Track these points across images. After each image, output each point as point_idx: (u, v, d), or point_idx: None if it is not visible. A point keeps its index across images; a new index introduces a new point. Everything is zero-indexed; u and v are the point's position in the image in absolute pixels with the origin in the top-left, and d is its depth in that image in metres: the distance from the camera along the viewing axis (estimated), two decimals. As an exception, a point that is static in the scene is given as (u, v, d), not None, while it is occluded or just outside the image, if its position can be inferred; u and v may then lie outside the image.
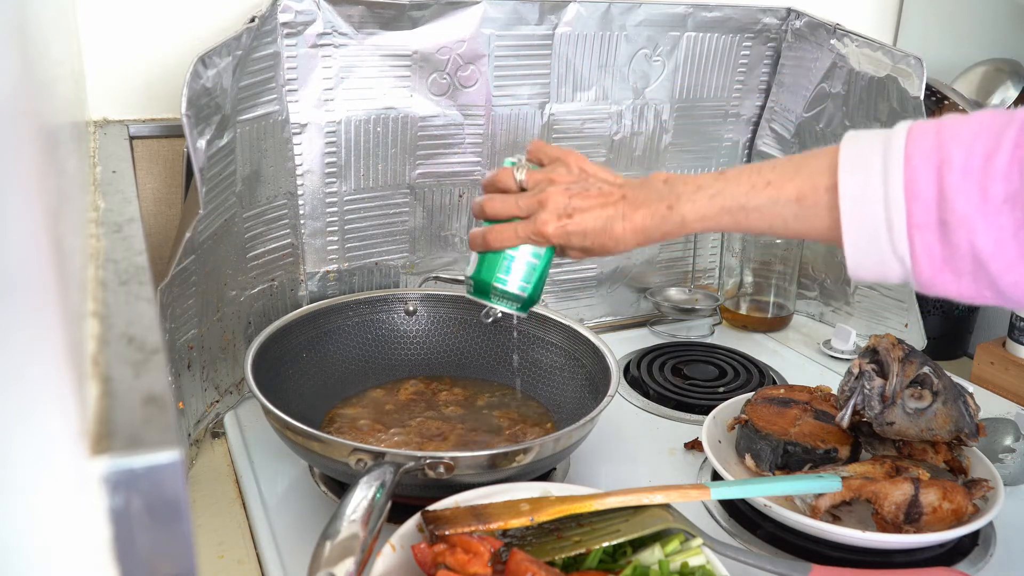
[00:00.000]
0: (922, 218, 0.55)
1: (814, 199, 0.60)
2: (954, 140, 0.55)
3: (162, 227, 0.95)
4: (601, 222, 0.68)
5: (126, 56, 0.91)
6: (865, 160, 0.58)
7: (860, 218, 0.57)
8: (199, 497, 0.79)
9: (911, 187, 0.55)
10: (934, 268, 0.56)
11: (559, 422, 0.87)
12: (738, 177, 0.65)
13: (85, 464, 0.29)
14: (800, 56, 1.13)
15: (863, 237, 0.57)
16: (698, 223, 0.66)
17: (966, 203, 0.53)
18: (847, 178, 0.58)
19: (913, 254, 0.56)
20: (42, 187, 0.27)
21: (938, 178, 0.54)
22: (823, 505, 0.70)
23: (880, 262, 0.58)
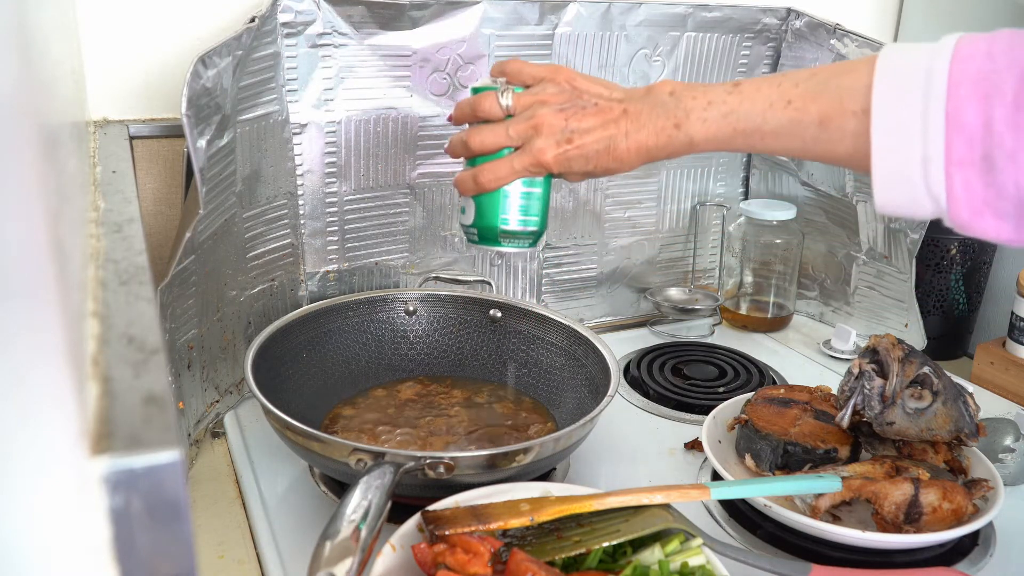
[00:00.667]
0: (964, 153, 0.49)
1: (840, 123, 0.55)
2: (1008, 65, 0.49)
3: (162, 227, 0.95)
4: (604, 143, 0.63)
5: (126, 56, 0.91)
6: (903, 82, 0.51)
7: (893, 150, 0.52)
8: (199, 497, 0.79)
9: (954, 117, 0.49)
10: (973, 209, 0.50)
11: (559, 422, 0.87)
12: (755, 93, 0.59)
13: (85, 464, 0.29)
14: (800, 56, 1.13)
15: (894, 171, 0.52)
16: (707, 143, 0.61)
17: (1015, 139, 0.48)
18: (881, 104, 0.52)
19: (950, 193, 0.50)
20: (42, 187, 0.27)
21: (986, 108, 0.49)
22: (823, 505, 0.70)
23: (911, 199, 0.52)
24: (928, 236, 1.05)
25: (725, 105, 0.60)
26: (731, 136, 0.60)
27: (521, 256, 0.97)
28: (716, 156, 1.19)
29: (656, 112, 0.62)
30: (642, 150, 0.63)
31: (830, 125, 0.55)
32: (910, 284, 1.07)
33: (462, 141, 0.66)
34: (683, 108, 0.61)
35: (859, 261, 1.14)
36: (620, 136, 0.62)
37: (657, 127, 0.62)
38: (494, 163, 0.65)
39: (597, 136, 0.63)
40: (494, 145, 0.65)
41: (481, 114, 0.66)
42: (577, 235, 1.13)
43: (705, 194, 1.21)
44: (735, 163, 1.21)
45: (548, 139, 0.63)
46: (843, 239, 1.16)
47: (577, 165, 0.64)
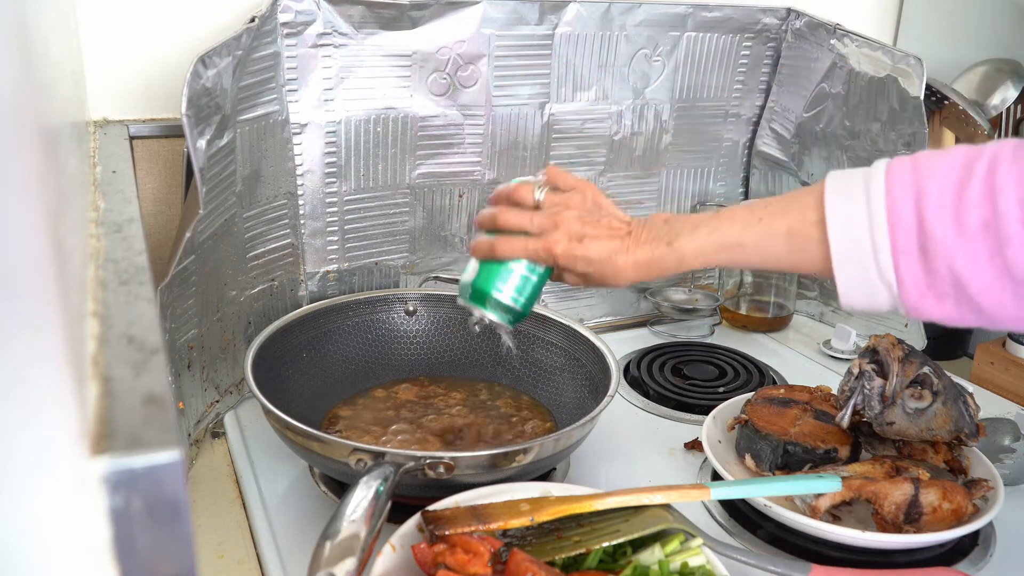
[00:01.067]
0: (905, 244, 0.58)
1: (805, 233, 0.63)
2: (929, 174, 0.58)
3: (162, 227, 0.95)
4: (606, 252, 0.70)
5: (126, 56, 0.91)
6: (849, 194, 0.61)
7: (848, 247, 0.60)
8: (199, 497, 0.78)
9: (893, 215, 0.58)
10: (919, 292, 0.59)
11: (559, 422, 0.87)
12: (732, 216, 0.68)
13: (85, 464, 0.29)
14: (800, 56, 1.13)
15: (852, 265, 0.61)
16: (696, 259, 0.69)
17: (943, 231, 0.56)
18: (833, 211, 0.61)
19: (899, 278, 0.59)
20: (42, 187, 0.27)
21: (917, 208, 0.58)
22: (823, 505, 0.70)
23: (870, 289, 0.61)
24: (928, 236, 1.05)
25: (708, 226, 0.68)
26: (716, 250, 0.68)
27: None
28: (716, 156, 1.19)
29: (653, 235, 0.71)
30: (639, 264, 0.70)
31: (797, 235, 0.64)
32: (910, 284, 1.07)
33: (492, 216, 0.75)
34: (674, 231, 0.70)
35: (859, 261, 1.14)
36: (621, 250, 0.70)
37: (653, 247, 0.70)
38: (512, 238, 0.73)
39: (603, 245, 0.71)
40: (517, 225, 0.73)
41: (516, 199, 0.75)
42: (577, 235, 1.13)
43: (705, 194, 1.20)
44: (735, 163, 1.22)
45: (563, 234, 0.71)
46: (843, 239, 1.16)
47: (580, 265, 0.71)
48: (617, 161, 1.12)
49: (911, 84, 0.97)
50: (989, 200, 0.55)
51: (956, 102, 1.11)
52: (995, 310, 0.57)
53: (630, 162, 1.13)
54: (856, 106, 1.06)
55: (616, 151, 1.11)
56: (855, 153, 1.08)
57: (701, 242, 0.68)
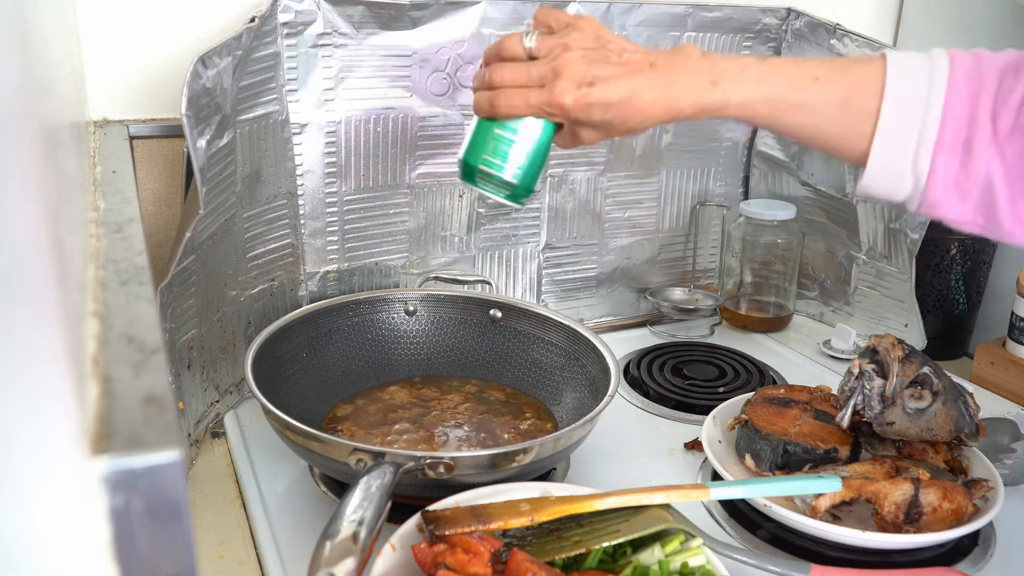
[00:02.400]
0: (951, 138, 0.57)
1: (860, 102, 0.60)
2: (990, 68, 0.58)
3: (162, 227, 0.95)
4: (626, 91, 0.60)
5: (126, 56, 0.91)
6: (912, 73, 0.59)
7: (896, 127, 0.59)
8: (199, 497, 0.78)
9: (949, 107, 0.57)
10: (945, 188, 0.58)
11: (559, 422, 0.87)
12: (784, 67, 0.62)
13: (85, 464, 0.29)
14: (800, 56, 1.13)
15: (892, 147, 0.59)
16: (739, 108, 0.61)
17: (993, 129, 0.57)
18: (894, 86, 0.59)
19: (932, 172, 0.58)
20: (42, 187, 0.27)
21: (973, 102, 0.57)
22: (823, 505, 0.70)
23: (897, 176, 0.60)
24: (928, 236, 1.05)
25: (758, 72, 0.61)
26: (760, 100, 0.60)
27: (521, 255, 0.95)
28: (716, 156, 1.19)
29: (690, 68, 0.61)
30: (671, 104, 0.61)
31: (852, 103, 0.60)
32: (910, 284, 1.07)
33: (484, 76, 0.65)
34: (719, 68, 0.61)
35: (859, 261, 1.14)
36: (647, 85, 0.60)
37: (690, 83, 0.61)
38: (513, 91, 0.63)
39: (621, 84, 0.61)
40: (513, 82, 0.63)
41: (504, 54, 0.65)
42: (577, 235, 1.13)
43: (705, 194, 1.20)
44: (735, 163, 1.21)
45: (568, 81, 0.61)
46: (843, 239, 1.16)
47: (596, 112, 0.61)
48: (617, 161, 1.12)
49: (911, 84, 0.97)
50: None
51: (956, 102, 1.11)
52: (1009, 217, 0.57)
53: (630, 162, 1.13)
54: (856, 106, 1.06)
55: (616, 151, 1.11)
56: (855, 153, 1.08)
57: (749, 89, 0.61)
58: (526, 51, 0.64)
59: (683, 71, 0.61)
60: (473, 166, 0.66)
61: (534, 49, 0.64)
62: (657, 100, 0.61)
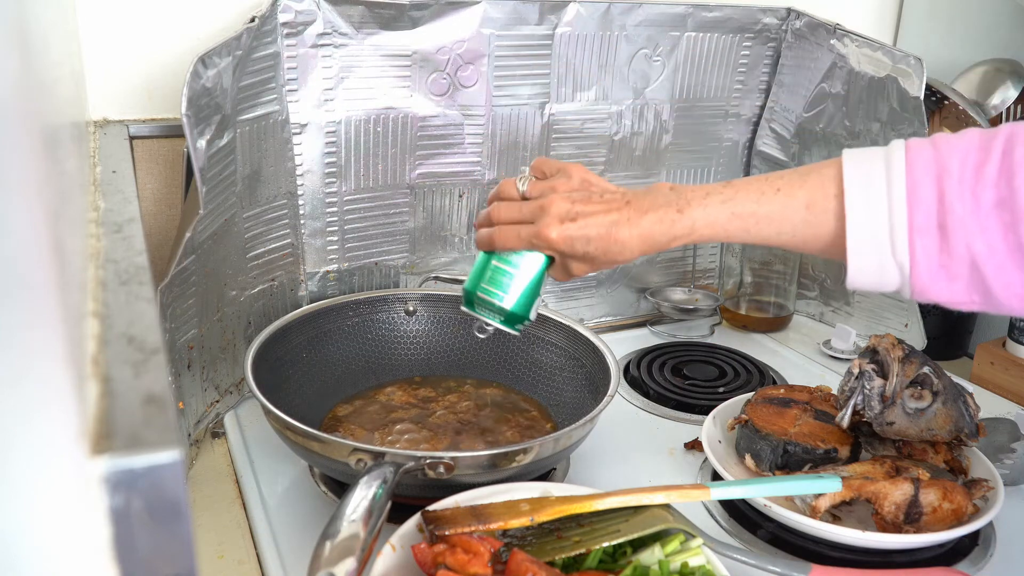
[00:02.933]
0: (923, 222, 0.58)
1: (823, 205, 0.63)
2: (950, 152, 0.59)
3: (162, 227, 0.95)
4: (605, 227, 0.67)
5: (126, 56, 0.91)
6: (869, 168, 0.61)
7: (865, 221, 0.60)
8: (199, 497, 0.78)
9: (913, 193, 0.59)
10: (931, 272, 0.59)
11: (559, 422, 0.87)
12: (747, 185, 0.66)
13: (85, 464, 0.29)
14: (800, 56, 1.13)
15: (866, 241, 0.60)
16: (707, 229, 0.66)
17: (963, 208, 0.57)
18: (852, 184, 0.61)
19: (913, 257, 0.59)
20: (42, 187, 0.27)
21: (938, 185, 0.58)
22: (823, 505, 0.70)
23: (880, 267, 0.61)
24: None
25: (722, 195, 0.66)
26: (729, 219, 0.65)
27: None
28: (716, 156, 1.19)
29: (659, 202, 0.67)
30: (645, 236, 0.67)
31: (815, 208, 0.63)
32: (910, 284, 1.07)
33: (485, 214, 0.74)
34: (684, 198, 0.67)
35: (859, 261, 1.14)
36: (623, 222, 0.67)
37: (660, 215, 0.67)
38: (507, 227, 0.71)
39: (600, 220, 0.67)
40: (507, 218, 0.72)
41: (502, 195, 0.73)
42: (577, 235, 1.13)
43: (705, 194, 1.20)
44: (735, 163, 1.22)
45: (553, 217, 0.68)
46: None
47: (579, 245, 0.68)
48: (617, 161, 1.12)
49: (911, 84, 0.97)
50: (1006, 178, 0.56)
51: (956, 102, 1.11)
52: (1005, 292, 0.58)
53: (630, 162, 1.13)
54: (856, 106, 1.06)
55: (616, 151, 1.11)
56: (855, 153, 1.08)
57: (714, 211, 0.65)
58: (520, 194, 0.72)
59: (652, 204, 0.67)
60: (473, 293, 0.73)
61: (527, 192, 0.72)
62: (632, 234, 0.67)
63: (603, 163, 1.11)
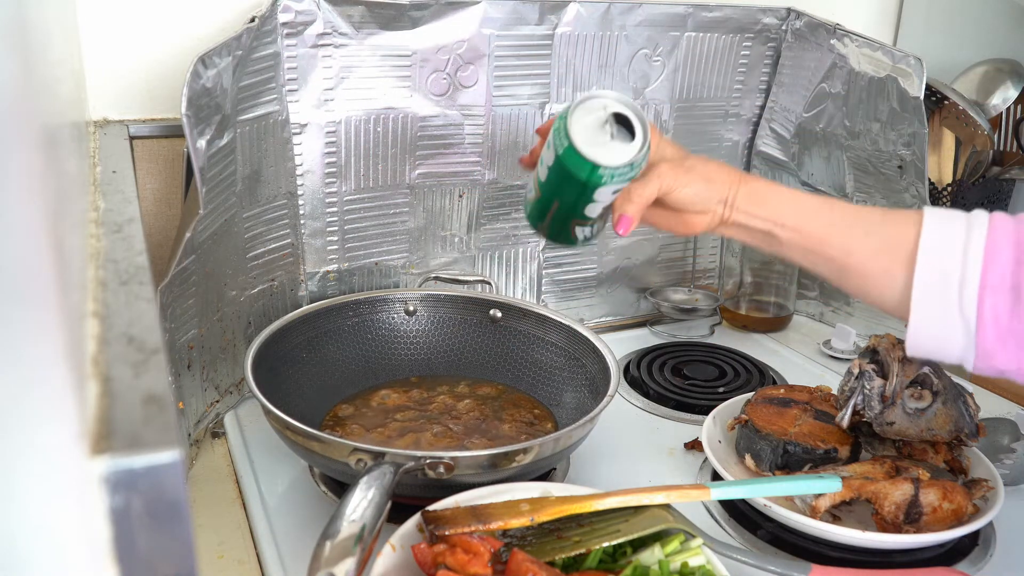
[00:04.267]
0: (997, 281, 0.57)
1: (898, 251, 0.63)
2: None
3: (162, 227, 0.95)
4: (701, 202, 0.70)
5: (126, 56, 0.91)
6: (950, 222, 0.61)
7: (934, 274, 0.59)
8: (199, 497, 0.78)
9: (991, 251, 0.58)
10: (999, 333, 0.58)
11: (559, 422, 0.87)
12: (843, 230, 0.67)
13: (85, 464, 0.29)
14: (800, 56, 1.13)
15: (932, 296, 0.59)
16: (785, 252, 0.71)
17: None
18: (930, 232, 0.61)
19: (980, 315, 0.58)
20: (42, 187, 0.27)
21: (1017, 247, 0.58)
22: (823, 505, 0.70)
23: (943, 322, 0.59)
24: (928, 236, 1.05)
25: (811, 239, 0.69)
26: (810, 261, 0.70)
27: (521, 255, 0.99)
28: (716, 156, 1.19)
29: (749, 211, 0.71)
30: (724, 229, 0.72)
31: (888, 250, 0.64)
32: (910, 284, 1.07)
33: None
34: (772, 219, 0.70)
35: (859, 261, 1.14)
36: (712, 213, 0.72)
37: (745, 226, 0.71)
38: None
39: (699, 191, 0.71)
40: None
41: None
42: (577, 235, 1.13)
43: (705, 194, 1.20)
44: (734, 163, 1.21)
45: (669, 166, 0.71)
46: (843, 239, 1.16)
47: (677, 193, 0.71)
48: (617, 161, 1.12)
49: (911, 84, 0.97)
50: None
51: (956, 102, 1.11)
52: None
53: (630, 162, 1.13)
54: (856, 106, 1.06)
55: (616, 151, 1.11)
56: (855, 153, 1.08)
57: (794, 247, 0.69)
58: None
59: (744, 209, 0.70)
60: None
61: None
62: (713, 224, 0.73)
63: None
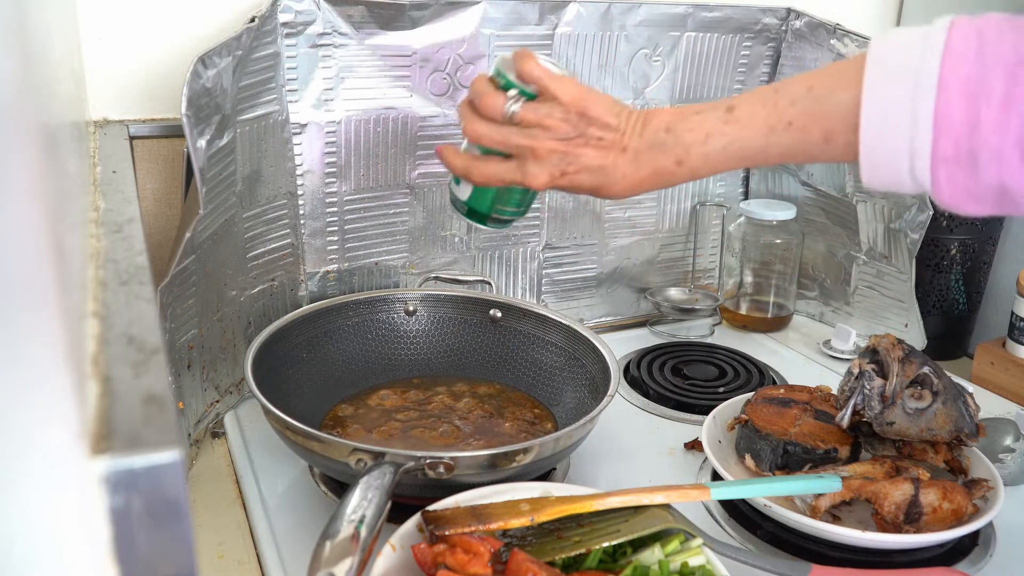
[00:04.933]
0: (950, 151, 0.51)
1: (845, 137, 0.56)
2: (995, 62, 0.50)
3: (162, 227, 0.95)
4: (596, 180, 0.64)
5: (126, 56, 0.91)
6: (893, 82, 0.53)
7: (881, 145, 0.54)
8: (199, 497, 0.78)
9: (942, 117, 0.51)
10: (955, 197, 0.53)
11: (559, 422, 0.87)
12: (752, 118, 0.60)
13: (85, 464, 0.29)
14: (800, 56, 1.13)
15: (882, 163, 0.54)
16: (709, 172, 0.62)
17: (1001, 137, 0.50)
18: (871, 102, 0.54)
19: (935, 183, 0.53)
20: (42, 187, 0.27)
21: (973, 108, 0.50)
22: (823, 505, 0.70)
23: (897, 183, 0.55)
24: (928, 236, 1.05)
25: (724, 136, 0.61)
26: (734, 162, 0.61)
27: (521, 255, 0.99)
28: (716, 156, 1.19)
29: (655, 152, 0.63)
30: (637, 186, 0.64)
31: (835, 139, 0.57)
32: (910, 284, 1.07)
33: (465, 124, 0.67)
34: (682, 144, 0.62)
35: (859, 261, 1.14)
36: (616, 175, 0.64)
37: (657, 166, 0.63)
38: (486, 165, 0.67)
39: (592, 174, 0.64)
40: (488, 142, 0.66)
41: (485, 112, 0.66)
42: (577, 235, 1.13)
43: (705, 194, 1.20)
44: (735, 163, 1.21)
45: (543, 166, 0.64)
46: (843, 239, 1.16)
47: (569, 190, 0.67)
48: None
49: (911, 84, 0.97)
50: None
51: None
52: None
53: (630, 162, 1.13)
54: (856, 106, 1.06)
55: (616, 151, 1.11)
56: (855, 153, 1.08)
57: (717, 157, 0.61)
58: (506, 117, 0.65)
59: (649, 155, 0.63)
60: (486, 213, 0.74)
61: (515, 117, 0.65)
62: (625, 186, 0.64)
63: (603, 163, 1.11)
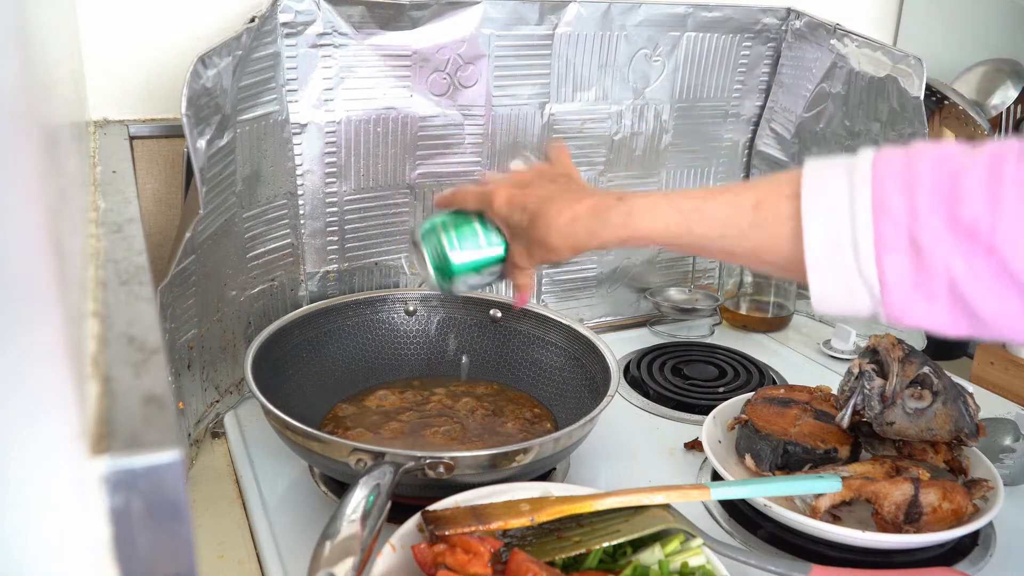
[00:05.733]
0: (892, 239, 0.51)
1: (774, 205, 0.56)
2: (922, 159, 0.52)
3: (162, 227, 0.95)
4: (541, 202, 0.66)
5: (126, 56, 0.91)
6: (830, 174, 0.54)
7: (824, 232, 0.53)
8: (199, 497, 0.78)
9: (879, 204, 0.51)
10: (905, 293, 0.52)
11: (559, 422, 0.87)
12: (696, 190, 0.65)
13: (85, 464, 0.29)
14: (800, 56, 1.13)
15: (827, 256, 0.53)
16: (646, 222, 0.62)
17: (939, 222, 0.50)
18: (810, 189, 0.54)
19: (883, 278, 0.52)
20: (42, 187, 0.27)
21: (909, 196, 0.51)
22: (823, 505, 0.70)
23: (846, 287, 0.53)
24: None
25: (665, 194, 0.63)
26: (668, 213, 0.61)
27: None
28: (716, 156, 1.19)
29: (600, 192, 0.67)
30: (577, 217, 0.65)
31: (764, 208, 0.57)
32: (910, 284, 1.07)
33: None
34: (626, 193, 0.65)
35: (859, 261, 1.14)
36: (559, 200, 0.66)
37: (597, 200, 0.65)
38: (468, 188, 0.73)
39: (541, 195, 0.67)
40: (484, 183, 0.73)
41: None
42: (577, 235, 1.13)
43: (705, 194, 1.20)
44: (735, 163, 1.22)
45: (510, 184, 0.70)
46: (843, 239, 1.16)
47: (516, 213, 0.68)
48: (617, 161, 1.12)
49: (911, 84, 0.97)
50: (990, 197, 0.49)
51: (956, 102, 1.11)
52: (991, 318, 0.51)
53: (630, 162, 1.13)
54: (856, 106, 1.06)
55: (616, 151, 1.11)
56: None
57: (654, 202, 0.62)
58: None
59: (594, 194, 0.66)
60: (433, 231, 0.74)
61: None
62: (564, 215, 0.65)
63: (603, 163, 1.11)
